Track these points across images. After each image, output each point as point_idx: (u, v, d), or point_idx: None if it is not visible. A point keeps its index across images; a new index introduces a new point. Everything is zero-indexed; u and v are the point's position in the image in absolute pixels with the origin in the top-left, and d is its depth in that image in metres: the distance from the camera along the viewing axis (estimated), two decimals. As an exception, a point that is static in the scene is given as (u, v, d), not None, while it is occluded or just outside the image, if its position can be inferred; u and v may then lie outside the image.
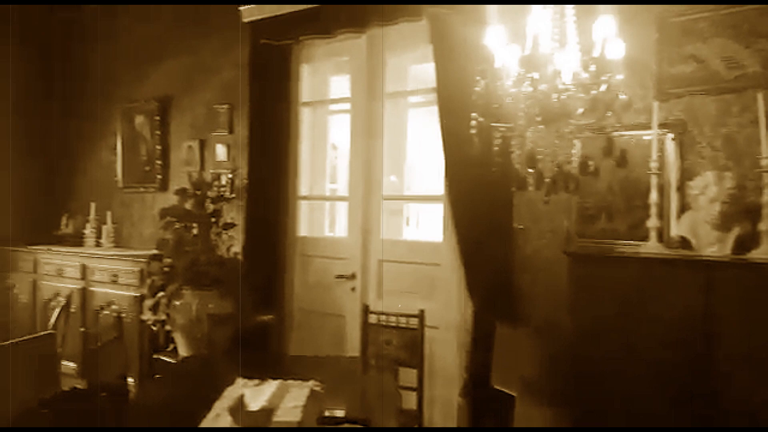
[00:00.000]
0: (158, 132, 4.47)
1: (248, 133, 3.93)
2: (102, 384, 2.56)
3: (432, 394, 3.14)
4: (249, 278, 3.82)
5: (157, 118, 4.47)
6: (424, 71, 3.59)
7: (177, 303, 3.60)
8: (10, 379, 2.16)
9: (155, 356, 3.70)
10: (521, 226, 2.98)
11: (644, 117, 2.56)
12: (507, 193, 2.94)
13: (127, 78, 4.68)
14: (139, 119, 4.59)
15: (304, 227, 3.95)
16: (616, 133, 2.06)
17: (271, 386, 2.20)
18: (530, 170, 2.01)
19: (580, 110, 1.87)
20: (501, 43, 1.90)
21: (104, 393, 2.36)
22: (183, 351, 3.66)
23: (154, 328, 3.66)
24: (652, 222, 2.40)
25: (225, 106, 4.14)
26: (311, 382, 2.36)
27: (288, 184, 3.86)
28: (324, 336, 3.69)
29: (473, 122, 1.85)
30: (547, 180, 1.99)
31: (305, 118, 3.91)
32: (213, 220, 3.80)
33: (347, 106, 3.81)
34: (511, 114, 1.94)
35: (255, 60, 3.80)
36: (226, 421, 1.95)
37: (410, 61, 3.60)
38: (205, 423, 1.96)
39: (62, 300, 4.18)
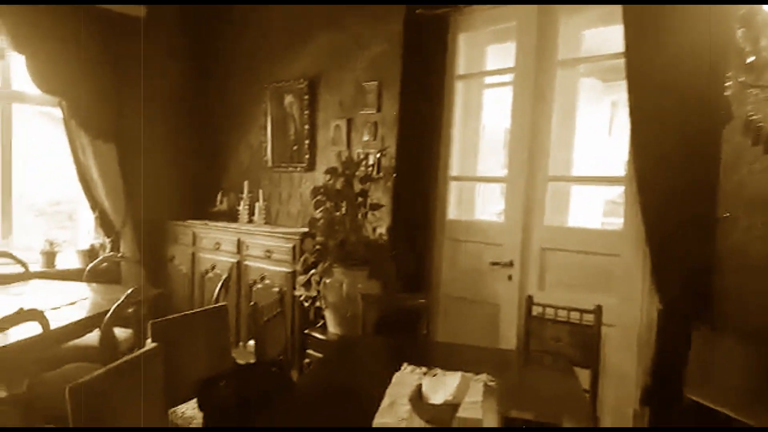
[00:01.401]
0: (306, 111, 4.49)
1: (398, 111, 3.79)
2: (270, 359, 2.56)
3: (604, 399, 2.80)
4: (395, 260, 3.72)
5: (306, 97, 4.48)
6: (600, 36, 3.20)
7: (327, 281, 3.60)
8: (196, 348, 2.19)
9: (306, 331, 3.71)
10: (727, 214, 2.52)
11: None
12: (711, 175, 2.49)
13: (278, 58, 4.75)
14: (288, 99, 4.65)
15: (453, 210, 3.74)
16: None
17: (453, 378, 2.01)
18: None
19: None
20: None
21: (275, 368, 2.34)
22: (332, 328, 3.65)
23: (306, 304, 3.69)
24: None
25: (374, 83, 4.03)
26: (484, 376, 2.16)
27: (438, 164, 3.66)
28: (474, 325, 3.48)
29: (728, 83, 1.49)
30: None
31: (459, 92, 3.68)
32: (360, 200, 3.74)
33: (506, 78, 3.51)
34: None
35: (408, 32, 3.63)
36: (404, 411, 1.81)
37: (583, 25, 3.21)
38: (381, 410, 1.83)
39: (223, 273, 4.35)
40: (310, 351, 3.66)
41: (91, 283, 3.71)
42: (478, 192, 3.95)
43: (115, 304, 2.58)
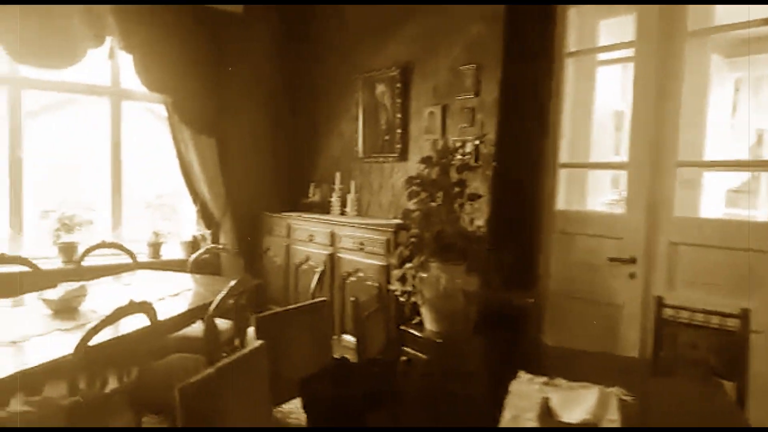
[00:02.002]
0: (399, 100, 4.34)
1: (498, 94, 3.55)
2: (372, 357, 2.44)
3: (752, 418, 2.43)
4: (495, 254, 3.49)
5: (399, 85, 4.33)
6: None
7: (423, 275, 3.43)
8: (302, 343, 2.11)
9: (402, 327, 3.57)
10: None
11: None
12: None
13: (370, 46, 4.63)
14: (380, 88, 4.52)
15: (563, 199, 3.45)
16: None
17: (589, 393, 1.77)
18: None
19: None
20: None
21: (376, 368, 2.21)
22: (429, 325, 3.48)
23: (402, 299, 3.54)
24: None
25: (471, 67, 3.79)
26: (616, 389, 1.90)
27: (545, 150, 3.37)
28: (588, 327, 3.17)
29: None
30: None
31: (568, 72, 3.37)
32: (457, 190, 3.54)
33: (623, 53, 3.17)
34: None
35: (510, 10, 3.37)
36: (530, 427, 1.61)
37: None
38: (503, 424, 1.64)
39: (317, 265, 4.34)
40: (406, 348, 3.52)
41: (194, 273, 3.79)
42: (589, 180, 3.62)
43: (219, 297, 2.56)
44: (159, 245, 4.66)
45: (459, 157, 3.63)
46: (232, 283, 2.63)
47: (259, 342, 1.71)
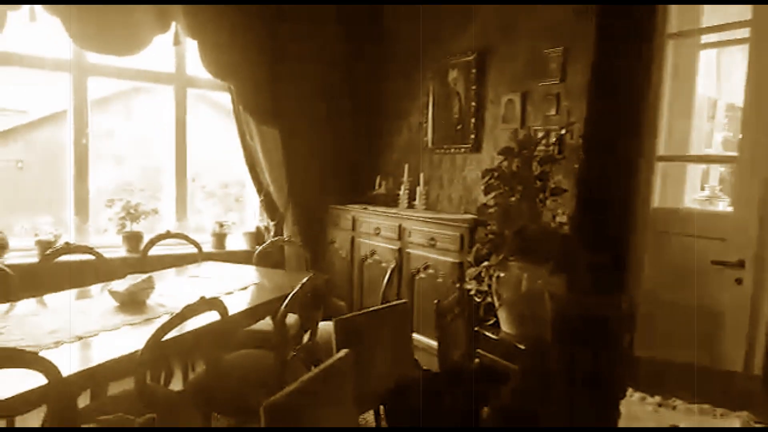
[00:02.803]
0: (474, 87, 4.09)
1: (588, 79, 3.25)
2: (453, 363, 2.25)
3: None
4: (581, 254, 3.22)
5: (474, 71, 4.08)
6: None
7: (501, 275, 3.21)
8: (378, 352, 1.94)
9: (476, 329, 3.36)
10: None
11: None
12: None
13: (443, 31, 4.39)
14: (453, 74, 4.29)
15: (657, 196, 3.13)
16: None
17: (728, 423, 1.52)
18: None
19: None
20: None
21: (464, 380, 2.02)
22: (506, 327, 3.25)
23: (478, 299, 3.33)
24: None
25: (557, 50, 3.50)
26: (745, 415, 1.63)
27: (640, 141, 3.06)
28: (685, 336, 2.86)
29: None
30: None
31: (668, 55, 3.04)
32: (539, 183, 3.28)
33: (732, 35, 2.81)
34: None
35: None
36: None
37: None
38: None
39: (383, 260, 4.19)
40: (481, 351, 3.31)
41: (259, 266, 3.71)
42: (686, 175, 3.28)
43: (291, 294, 2.43)
44: (223, 236, 4.63)
45: (541, 148, 3.39)
46: (304, 279, 2.50)
47: (344, 351, 1.55)
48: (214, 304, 2.13)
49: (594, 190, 3.27)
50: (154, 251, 3.71)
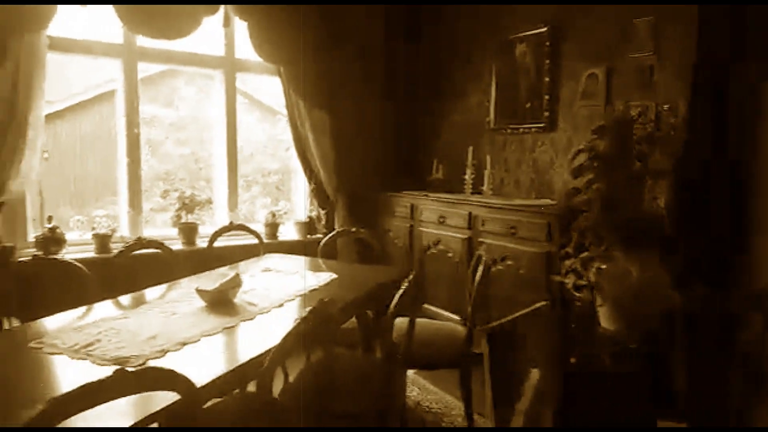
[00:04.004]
0: (547, 61, 3.80)
1: (695, 49, 2.97)
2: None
3: None
4: (682, 243, 2.98)
5: (547, 44, 3.78)
6: None
7: (603, 266, 2.95)
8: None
9: (573, 325, 3.11)
10: None
11: None
12: None
13: (505, 7, 4.09)
14: (521, 48, 3.99)
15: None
16: None
17: None
18: None
19: None
20: None
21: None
22: (607, 324, 3.00)
23: (577, 294, 3.08)
24: None
25: (648, 19, 3.21)
26: None
27: (760, 118, 2.78)
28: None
29: None
30: None
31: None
32: (638, 165, 3.01)
33: None
34: None
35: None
36: None
37: None
38: None
39: (448, 250, 3.94)
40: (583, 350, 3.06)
41: (319, 258, 3.45)
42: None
43: (398, 295, 2.18)
44: (276, 225, 4.39)
45: (637, 126, 3.11)
46: (406, 282, 2.26)
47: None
48: (328, 307, 1.90)
49: (698, 171, 3.00)
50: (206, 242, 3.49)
